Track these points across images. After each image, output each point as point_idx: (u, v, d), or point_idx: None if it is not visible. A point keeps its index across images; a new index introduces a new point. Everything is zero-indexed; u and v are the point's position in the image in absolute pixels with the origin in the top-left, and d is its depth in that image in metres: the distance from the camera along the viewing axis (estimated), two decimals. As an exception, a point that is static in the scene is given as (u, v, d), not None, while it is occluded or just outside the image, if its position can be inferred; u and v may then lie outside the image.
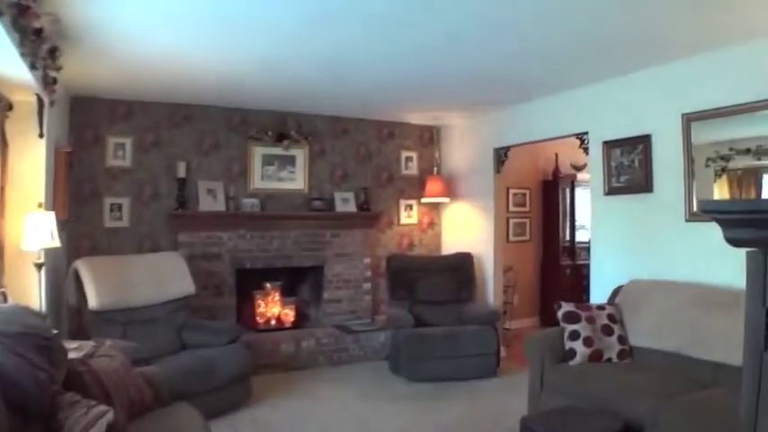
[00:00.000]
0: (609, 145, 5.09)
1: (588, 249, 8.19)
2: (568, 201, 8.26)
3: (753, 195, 4.20)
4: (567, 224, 8.26)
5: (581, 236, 8.26)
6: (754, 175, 4.17)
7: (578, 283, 8.12)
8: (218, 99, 6.01)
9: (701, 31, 3.88)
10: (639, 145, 4.82)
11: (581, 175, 8.32)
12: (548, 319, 8.18)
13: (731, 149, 4.26)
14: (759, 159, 4.10)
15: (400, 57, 4.49)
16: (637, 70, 4.80)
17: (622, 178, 4.99)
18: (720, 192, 4.32)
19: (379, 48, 4.26)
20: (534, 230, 8.39)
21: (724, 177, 4.29)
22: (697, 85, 4.37)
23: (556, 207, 8.21)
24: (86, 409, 2.29)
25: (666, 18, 3.62)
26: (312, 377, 5.74)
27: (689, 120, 4.40)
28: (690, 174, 4.43)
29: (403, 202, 7.44)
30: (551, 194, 8.30)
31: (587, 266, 8.09)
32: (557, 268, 8.15)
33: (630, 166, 4.91)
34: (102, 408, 2.31)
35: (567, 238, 8.25)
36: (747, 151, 4.15)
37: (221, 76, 5.05)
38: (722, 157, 4.28)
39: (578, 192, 8.23)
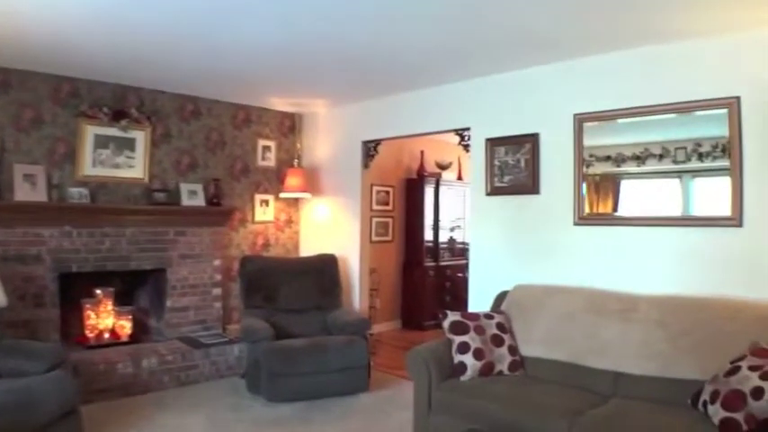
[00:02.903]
0: (493, 142, 4.83)
1: (453, 250, 8.15)
2: (432, 200, 8.00)
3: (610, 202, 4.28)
4: (431, 224, 8.00)
5: (444, 236, 8.09)
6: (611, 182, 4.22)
7: (442, 285, 7.97)
8: (42, 63, 4.88)
9: (598, 32, 3.78)
10: (526, 144, 4.61)
11: (446, 174, 8.15)
12: (409, 321, 7.96)
13: (591, 156, 4.25)
14: (618, 166, 4.13)
15: (262, 24, 3.86)
16: (527, 67, 4.59)
17: (506, 178, 4.75)
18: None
19: (240, 8, 3.58)
20: (397, 230, 8.05)
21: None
22: (591, 85, 4.25)
23: (420, 206, 7.94)
24: None
25: (560, 15, 3.49)
26: (156, 402, 4.86)
27: (581, 120, 4.22)
28: (580, 176, 4.25)
29: (258, 197, 6.74)
30: (415, 193, 8.02)
31: (451, 268, 8.02)
32: (420, 270, 7.90)
33: (516, 166, 4.67)
34: None
35: (431, 238, 7.98)
36: (607, 158, 4.18)
37: (46, 34, 4.06)
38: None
39: (443, 191, 8.03)
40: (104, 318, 5.60)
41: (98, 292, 5.62)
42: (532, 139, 4.56)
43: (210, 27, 3.94)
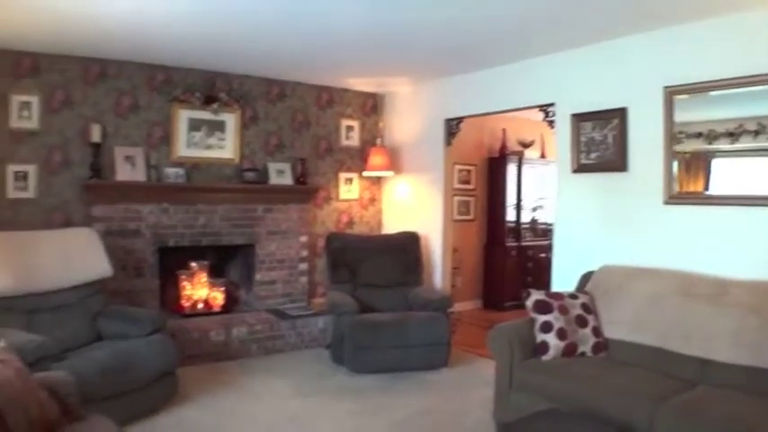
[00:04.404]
0: (578, 118, 4.71)
1: (535, 230, 8.06)
2: (515, 179, 7.90)
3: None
4: (514, 203, 7.91)
5: (526, 216, 7.99)
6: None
7: (523, 266, 7.89)
8: (138, 53, 5.23)
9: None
10: (614, 119, 4.46)
11: (529, 152, 8.03)
12: (490, 301, 7.93)
13: (681, 132, 4.06)
14: (710, 143, 3.94)
15: (345, 8, 3.93)
16: (614, 38, 4.43)
17: (593, 155, 4.63)
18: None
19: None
20: (479, 209, 8.01)
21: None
22: (682, 56, 4.04)
23: (502, 185, 7.85)
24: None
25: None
26: (245, 369, 5.14)
27: (672, 93, 4.07)
28: (670, 153, 4.11)
29: (343, 176, 6.88)
30: (497, 172, 7.92)
31: (533, 248, 7.93)
32: (502, 250, 7.83)
33: (603, 142, 4.55)
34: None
35: (513, 218, 7.91)
36: (698, 135, 3.99)
37: (141, 25, 4.32)
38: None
39: (525, 169, 7.91)
40: (199, 289, 5.94)
41: (193, 264, 5.97)
42: (620, 113, 4.40)
43: (297, 12, 4.05)
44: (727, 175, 4.00)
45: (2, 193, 4.94)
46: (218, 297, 6.02)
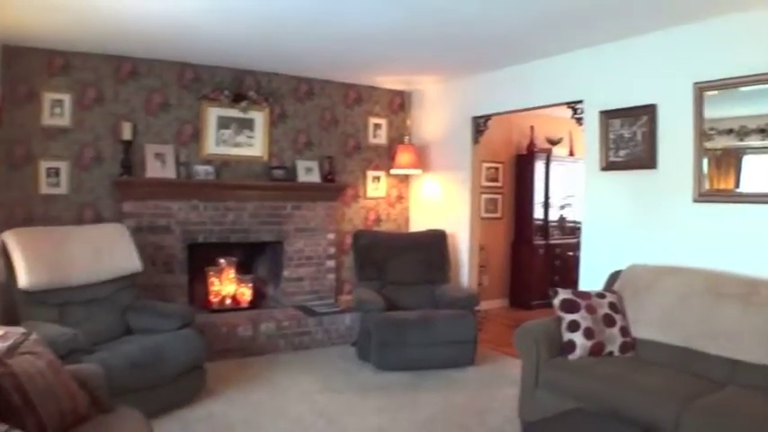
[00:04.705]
0: (607, 115, 4.65)
1: (563, 228, 7.99)
2: (543, 176, 7.83)
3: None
4: (541, 201, 7.85)
5: (554, 214, 7.92)
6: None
7: (551, 264, 7.82)
8: (167, 52, 5.31)
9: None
10: (643, 116, 4.39)
11: (557, 150, 7.96)
12: (517, 300, 7.88)
13: (711, 129, 3.98)
14: (741, 140, 3.85)
15: (373, 6, 3.94)
16: (642, 34, 4.37)
17: (621, 152, 4.57)
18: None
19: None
20: (506, 207, 7.97)
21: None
22: (712, 51, 3.97)
23: (530, 183, 7.79)
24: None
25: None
26: (272, 364, 5.19)
27: (702, 90, 4.00)
28: (700, 149, 4.04)
29: (370, 174, 6.90)
30: (525, 169, 7.87)
31: (561, 246, 7.86)
32: (529, 248, 7.77)
33: (632, 139, 4.48)
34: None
35: (541, 215, 7.85)
36: (729, 132, 3.90)
37: (171, 25, 4.40)
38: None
39: (553, 167, 7.84)
40: (227, 285, 6.01)
41: (221, 261, 6.04)
42: (649, 110, 4.33)
43: (324, 11, 4.07)
44: (759, 172, 3.90)
45: (35, 189, 5.08)
46: (246, 293, 6.09)
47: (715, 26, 3.94)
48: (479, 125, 6.17)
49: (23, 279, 3.98)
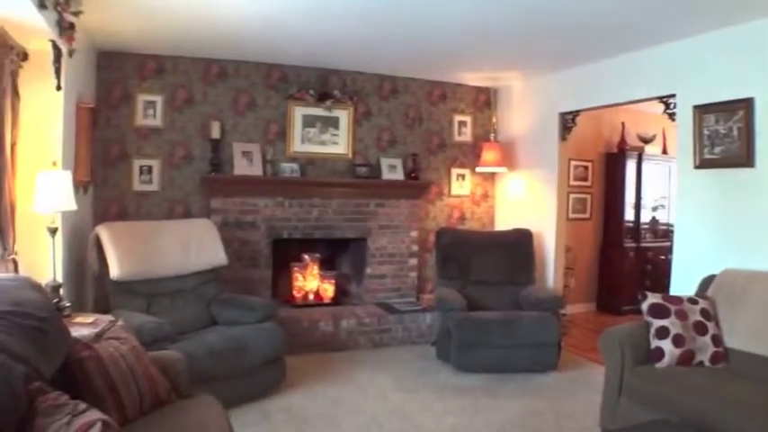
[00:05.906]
0: (701, 110, 4.38)
1: (655, 231, 7.63)
2: (634, 176, 7.49)
3: None
4: (632, 202, 7.51)
5: (646, 215, 7.57)
6: None
7: (642, 268, 7.47)
8: (254, 53, 5.48)
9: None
10: (739, 110, 4.10)
11: (649, 148, 7.60)
12: (605, 304, 7.59)
13: None
14: None
15: (457, 1, 3.88)
16: (737, 23, 4.08)
17: (717, 149, 4.28)
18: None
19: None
20: (595, 208, 7.68)
21: None
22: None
23: (620, 183, 7.45)
24: (70, 417, 1.80)
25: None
26: (351, 360, 5.24)
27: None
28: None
29: (455, 172, 6.83)
30: (615, 168, 7.53)
31: (653, 250, 7.51)
32: (619, 251, 7.45)
33: (728, 135, 4.20)
34: (91, 417, 1.80)
35: (632, 217, 7.51)
36: None
37: (258, 27, 4.53)
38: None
39: (645, 166, 7.48)
40: (310, 280, 6.11)
41: (305, 257, 6.14)
42: (746, 104, 4.04)
43: (409, 8, 4.05)
44: None
45: (128, 186, 5.39)
46: (329, 289, 6.16)
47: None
48: (567, 122, 5.97)
49: (114, 270, 4.18)
